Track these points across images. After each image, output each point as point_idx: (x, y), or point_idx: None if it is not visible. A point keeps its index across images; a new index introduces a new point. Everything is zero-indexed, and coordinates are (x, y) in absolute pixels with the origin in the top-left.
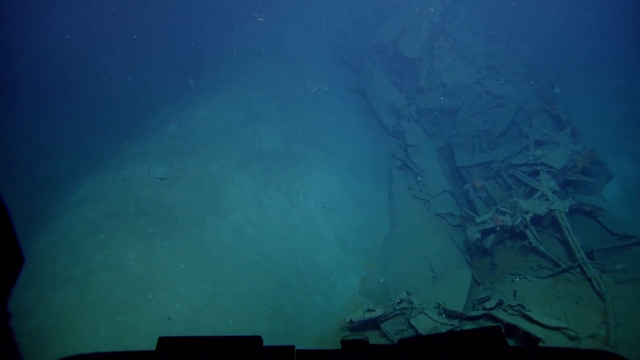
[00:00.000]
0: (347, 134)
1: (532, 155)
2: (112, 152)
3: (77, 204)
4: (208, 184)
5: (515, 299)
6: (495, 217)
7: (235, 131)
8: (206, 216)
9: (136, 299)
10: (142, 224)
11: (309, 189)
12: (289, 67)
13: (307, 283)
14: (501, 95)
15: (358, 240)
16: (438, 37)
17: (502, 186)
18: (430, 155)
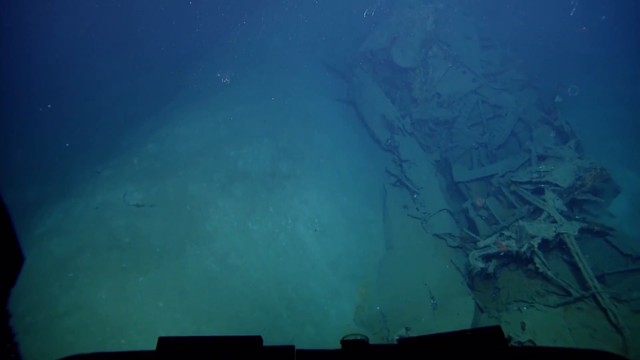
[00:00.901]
0: (337, 149)
1: (535, 171)
2: (85, 175)
3: (43, 237)
4: (189, 209)
5: (524, 333)
6: (499, 242)
7: (218, 150)
8: (187, 246)
9: (108, 345)
10: (116, 258)
11: (298, 211)
12: (274, 78)
13: (298, 313)
14: (499, 105)
15: (352, 265)
16: (431, 45)
17: (503, 203)
18: (426, 170)
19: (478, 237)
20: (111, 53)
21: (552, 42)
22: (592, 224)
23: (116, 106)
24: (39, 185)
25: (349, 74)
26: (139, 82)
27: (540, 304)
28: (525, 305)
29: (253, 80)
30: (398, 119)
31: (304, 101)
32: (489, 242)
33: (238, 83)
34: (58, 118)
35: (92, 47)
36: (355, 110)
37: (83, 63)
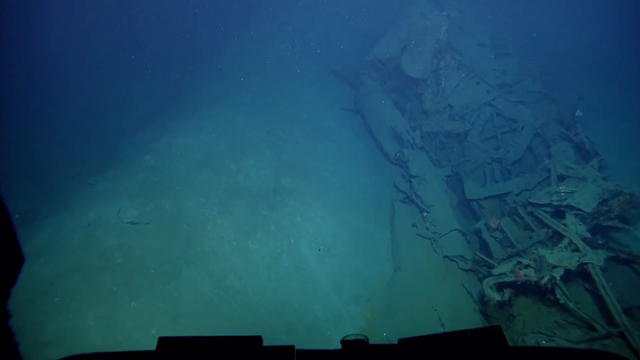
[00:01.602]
0: (343, 162)
1: (555, 192)
2: (78, 188)
3: (29, 258)
4: (185, 228)
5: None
6: (517, 270)
7: (217, 163)
8: (183, 267)
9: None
10: (106, 281)
11: (301, 229)
12: (278, 86)
13: (300, 339)
14: (515, 119)
15: (357, 287)
16: (444, 55)
17: (519, 224)
18: (436, 187)
19: (492, 260)
20: (108, 57)
21: (570, 48)
22: (618, 251)
23: (112, 113)
24: (29, 198)
25: (356, 82)
26: (136, 88)
27: (561, 338)
28: (544, 339)
29: (256, 88)
30: (407, 132)
31: (309, 110)
32: (505, 270)
33: (240, 91)
34: (51, 125)
35: (88, 51)
36: (363, 121)
37: (78, 68)
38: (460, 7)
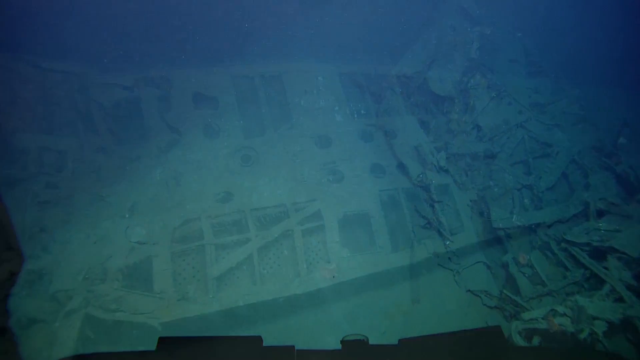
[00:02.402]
0: (363, 182)
1: (594, 229)
2: (89, 199)
3: (36, 273)
4: (194, 249)
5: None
6: (551, 318)
7: (231, 181)
8: (189, 293)
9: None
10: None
11: (315, 254)
12: (296, 98)
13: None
14: (549, 143)
15: (371, 318)
16: (474, 73)
17: (551, 260)
18: (461, 213)
19: (520, 299)
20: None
21: (614, 68)
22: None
23: (128, 118)
24: (39, 207)
25: (378, 95)
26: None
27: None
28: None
29: (271, 99)
30: (432, 153)
31: (328, 125)
32: (537, 315)
33: (254, 102)
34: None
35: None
36: (384, 137)
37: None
38: (494, 20)
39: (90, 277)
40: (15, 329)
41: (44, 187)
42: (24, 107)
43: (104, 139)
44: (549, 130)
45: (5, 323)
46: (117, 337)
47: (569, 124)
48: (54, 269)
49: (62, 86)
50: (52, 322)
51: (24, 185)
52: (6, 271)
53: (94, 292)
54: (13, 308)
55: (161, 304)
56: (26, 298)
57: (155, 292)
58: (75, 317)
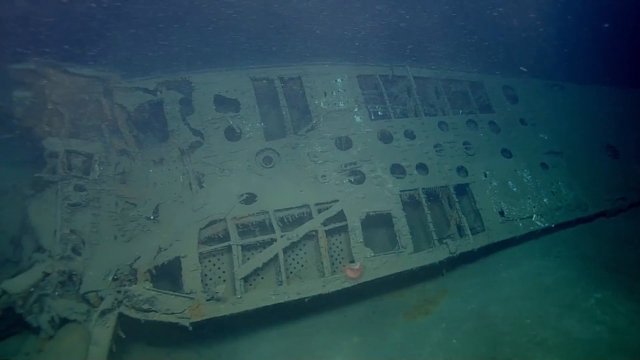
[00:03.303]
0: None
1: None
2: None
3: None
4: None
5: None
6: None
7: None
8: None
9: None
10: None
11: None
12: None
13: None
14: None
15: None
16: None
17: None
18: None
19: None
20: None
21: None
22: None
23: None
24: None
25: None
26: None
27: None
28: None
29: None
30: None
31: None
32: None
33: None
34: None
35: None
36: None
37: None
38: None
39: (119, 278)
40: (48, 328)
41: (73, 189)
42: (53, 112)
43: (128, 142)
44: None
45: (39, 322)
46: (149, 336)
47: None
48: (84, 270)
49: (87, 90)
50: (84, 321)
51: (54, 188)
52: (40, 272)
53: (127, 292)
54: (47, 308)
55: (192, 304)
56: (58, 298)
57: (185, 292)
58: (109, 316)
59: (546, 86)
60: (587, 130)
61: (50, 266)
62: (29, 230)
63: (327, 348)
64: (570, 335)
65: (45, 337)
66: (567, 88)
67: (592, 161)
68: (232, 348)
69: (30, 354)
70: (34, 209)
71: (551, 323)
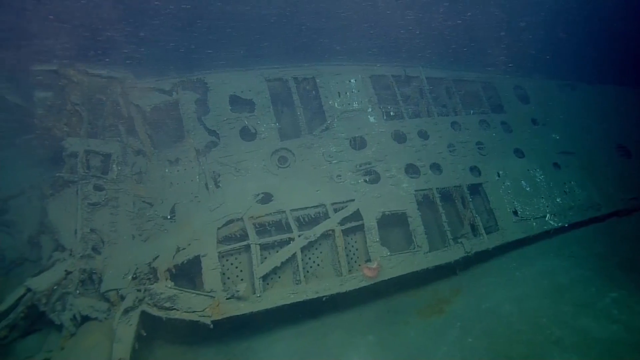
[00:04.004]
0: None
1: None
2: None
3: None
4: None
5: None
6: None
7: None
8: None
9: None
10: None
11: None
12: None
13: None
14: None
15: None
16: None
17: None
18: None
19: None
20: None
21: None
22: None
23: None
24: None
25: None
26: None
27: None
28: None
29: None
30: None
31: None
32: None
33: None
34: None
35: None
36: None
37: None
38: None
39: (138, 277)
40: (70, 325)
41: (92, 189)
42: (72, 112)
43: (143, 142)
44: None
45: (62, 320)
46: (167, 334)
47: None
48: (103, 269)
49: (105, 91)
50: (104, 319)
51: (73, 187)
52: (62, 270)
53: (150, 290)
54: (69, 305)
55: (212, 303)
56: (80, 296)
57: (206, 291)
58: (132, 314)
59: (557, 86)
60: (599, 130)
61: (72, 265)
62: (48, 229)
63: (342, 347)
64: (587, 334)
65: (67, 334)
66: (578, 88)
67: (604, 161)
68: (247, 347)
69: (53, 351)
70: (54, 209)
71: (567, 322)
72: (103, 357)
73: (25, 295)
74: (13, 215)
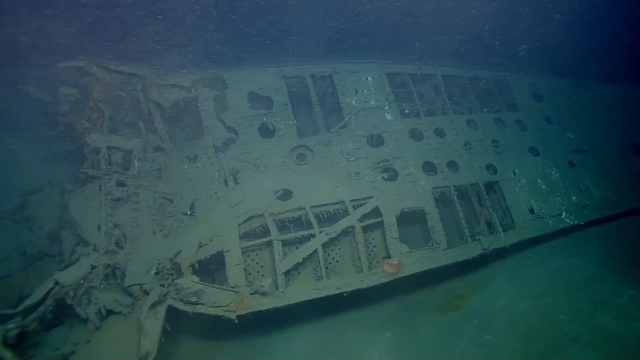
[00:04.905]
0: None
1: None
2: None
3: None
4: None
5: None
6: None
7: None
8: None
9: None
10: None
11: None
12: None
13: None
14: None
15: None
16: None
17: None
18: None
19: None
20: None
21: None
22: None
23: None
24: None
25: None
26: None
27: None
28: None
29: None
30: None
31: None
32: None
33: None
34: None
35: None
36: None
37: None
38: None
39: (160, 272)
40: (95, 319)
41: (115, 185)
42: (93, 108)
43: (162, 139)
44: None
45: (88, 313)
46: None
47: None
48: (126, 264)
49: (125, 87)
50: (128, 313)
51: (95, 183)
52: (88, 265)
53: (176, 285)
54: (94, 299)
55: (236, 298)
56: (104, 291)
57: (230, 286)
58: (159, 308)
59: (571, 85)
60: (612, 128)
61: (97, 259)
62: (69, 225)
63: (361, 343)
64: (605, 331)
65: (92, 328)
66: (591, 87)
67: (618, 159)
68: (265, 342)
69: (79, 344)
70: (75, 204)
71: (585, 319)
72: (128, 350)
73: (54, 289)
74: (33, 210)
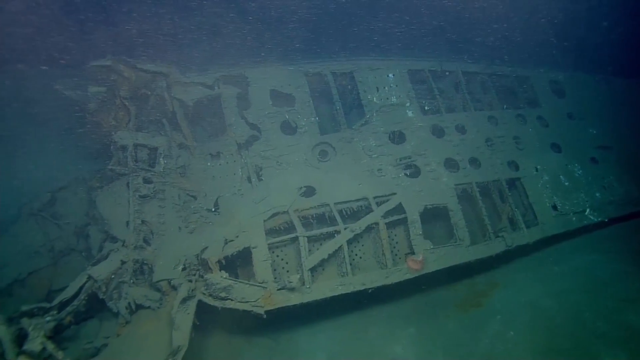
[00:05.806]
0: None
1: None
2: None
3: None
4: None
5: None
6: None
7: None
8: None
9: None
10: None
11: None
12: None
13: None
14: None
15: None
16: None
17: None
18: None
19: None
20: None
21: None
22: None
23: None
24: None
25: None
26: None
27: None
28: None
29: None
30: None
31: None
32: None
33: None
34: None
35: None
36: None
37: None
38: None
39: (187, 268)
40: (126, 313)
41: (142, 182)
42: (120, 106)
43: (186, 136)
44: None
45: (118, 308)
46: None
47: None
48: (154, 260)
49: (150, 85)
50: (157, 308)
51: (122, 180)
52: (118, 260)
53: (206, 281)
54: (124, 294)
55: (264, 293)
56: (134, 286)
57: (258, 282)
58: (189, 303)
59: (593, 81)
60: (636, 124)
61: (126, 255)
62: (96, 221)
63: (384, 339)
64: (633, 329)
65: (122, 322)
66: (614, 82)
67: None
68: (289, 337)
69: (110, 337)
70: (103, 201)
71: (611, 317)
72: (158, 344)
73: (87, 283)
74: (60, 207)
